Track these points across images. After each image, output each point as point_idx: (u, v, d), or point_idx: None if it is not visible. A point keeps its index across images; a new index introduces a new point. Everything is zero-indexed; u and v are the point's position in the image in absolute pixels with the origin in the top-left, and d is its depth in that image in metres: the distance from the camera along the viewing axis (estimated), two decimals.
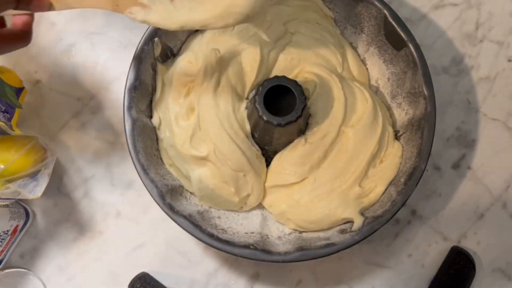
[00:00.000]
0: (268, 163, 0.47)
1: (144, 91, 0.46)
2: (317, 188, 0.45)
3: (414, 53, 0.44)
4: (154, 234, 0.50)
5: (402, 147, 0.46)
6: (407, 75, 0.46)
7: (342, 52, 0.49)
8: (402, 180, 0.44)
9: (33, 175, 0.47)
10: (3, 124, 0.44)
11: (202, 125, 0.44)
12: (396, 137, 0.47)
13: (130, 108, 0.44)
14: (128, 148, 0.43)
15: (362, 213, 0.44)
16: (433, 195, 0.51)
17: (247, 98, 0.47)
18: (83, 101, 0.52)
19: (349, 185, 0.45)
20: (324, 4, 0.49)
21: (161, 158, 0.47)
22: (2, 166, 0.44)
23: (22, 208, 0.49)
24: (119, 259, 0.50)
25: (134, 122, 0.44)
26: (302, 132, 0.46)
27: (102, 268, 0.50)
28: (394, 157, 0.46)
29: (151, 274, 0.49)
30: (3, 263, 0.48)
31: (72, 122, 0.52)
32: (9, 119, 0.47)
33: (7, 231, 0.46)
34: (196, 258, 0.50)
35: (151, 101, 0.47)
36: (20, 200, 0.49)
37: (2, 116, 0.45)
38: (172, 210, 0.42)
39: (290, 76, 0.44)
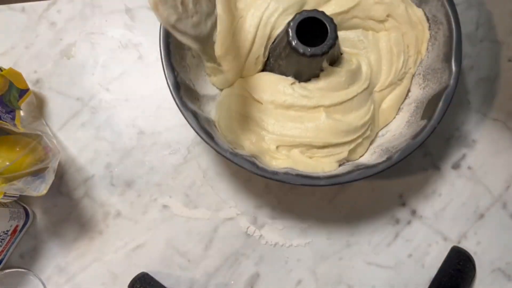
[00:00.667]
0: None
1: None
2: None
3: (427, 130, 0.44)
4: (154, 234, 0.51)
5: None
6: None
7: (394, 83, 0.49)
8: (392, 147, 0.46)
9: (39, 173, 0.47)
10: (7, 124, 0.44)
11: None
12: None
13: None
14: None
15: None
16: (433, 195, 0.51)
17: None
18: (83, 101, 0.53)
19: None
20: (428, 41, 0.48)
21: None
22: (7, 163, 0.45)
23: (22, 208, 0.49)
24: (119, 259, 0.50)
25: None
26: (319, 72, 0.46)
27: (102, 268, 0.50)
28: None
29: (151, 274, 0.49)
30: (3, 263, 0.48)
31: (72, 122, 0.52)
32: (13, 119, 0.47)
33: (7, 231, 0.46)
34: (196, 258, 0.50)
35: None
36: (20, 200, 0.49)
37: (7, 116, 0.46)
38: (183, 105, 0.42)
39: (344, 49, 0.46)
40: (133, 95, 0.53)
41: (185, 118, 0.42)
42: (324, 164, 0.45)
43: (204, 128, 0.42)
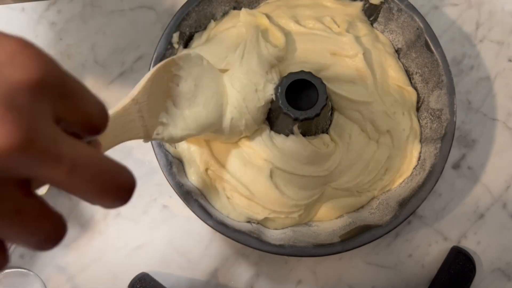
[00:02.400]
0: None
1: None
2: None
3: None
4: (154, 234, 0.50)
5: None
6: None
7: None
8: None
9: None
10: None
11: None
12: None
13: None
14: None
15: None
16: (433, 195, 0.51)
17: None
18: None
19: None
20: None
21: None
22: None
23: None
24: (119, 259, 0.50)
25: None
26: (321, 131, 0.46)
27: (102, 268, 0.50)
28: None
29: (151, 274, 0.49)
30: None
31: None
32: None
33: None
34: (196, 258, 0.50)
35: None
36: None
37: None
38: (178, 185, 0.43)
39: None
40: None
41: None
42: (234, 211, 0.45)
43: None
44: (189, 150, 0.45)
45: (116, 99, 0.52)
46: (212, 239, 0.50)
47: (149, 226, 0.51)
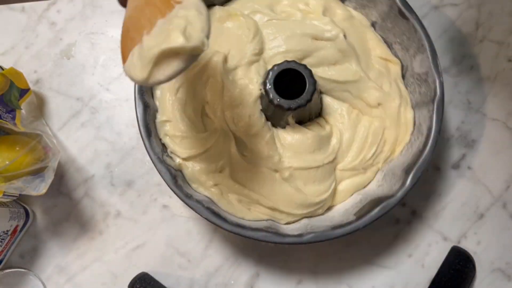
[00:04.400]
0: None
1: None
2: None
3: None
4: (154, 234, 0.51)
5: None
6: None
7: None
8: (361, 204, 0.44)
9: (38, 172, 0.47)
10: (8, 123, 0.45)
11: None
12: None
13: (141, 92, 0.44)
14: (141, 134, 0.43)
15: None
16: (433, 195, 0.51)
17: None
18: (83, 101, 0.53)
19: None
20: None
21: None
22: (7, 162, 0.45)
23: (22, 208, 0.49)
24: (119, 259, 0.50)
25: (145, 107, 0.44)
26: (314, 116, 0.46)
27: (102, 268, 0.50)
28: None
29: (151, 274, 0.49)
30: (3, 263, 0.48)
31: (72, 122, 0.52)
32: (13, 118, 0.47)
33: (7, 231, 0.46)
34: (196, 258, 0.50)
35: None
36: (20, 200, 0.49)
37: (7, 116, 0.46)
38: (186, 196, 0.43)
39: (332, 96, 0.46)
40: (133, 95, 0.52)
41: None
42: (250, 214, 0.45)
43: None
44: (193, 170, 0.45)
45: (116, 99, 0.53)
46: (212, 239, 0.50)
47: (149, 226, 0.51)
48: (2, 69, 0.49)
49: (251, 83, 0.44)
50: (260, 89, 0.43)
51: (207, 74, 0.44)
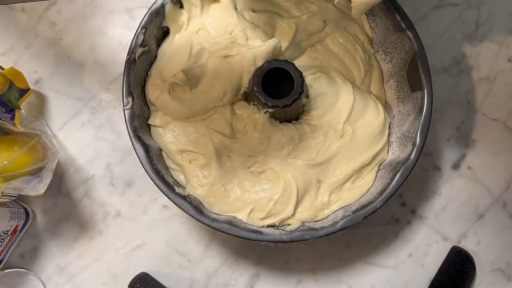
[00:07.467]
0: None
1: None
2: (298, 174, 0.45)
3: (425, 99, 0.44)
4: (154, 234, 0.51)
5: (374, 179, 0.47)
6: (410, 118, 0.46)
7: (367, 70, 0.49)
8: (353, 208, 0.44)
9: (37, 172, 0.47)
10: (6, 123, 0.44)
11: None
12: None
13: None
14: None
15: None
16: (433, 195, 0.51)
17: None
18: (83, 101, 0.53)
19: (324, 189, 0.45)
20: (367, 20, 0.49)
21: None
22: (5, 162, 0.45)
23: (22, 208, 0.49)
24: (119, 259, 0.50)
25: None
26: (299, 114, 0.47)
27: (102, 268, 0.50)
28: (364, 185, 0.46)
29: (151, 274, 0.49)
30: (3, 263, 0.48)
31: (72, 122, 0.52)
32: (12, 118, 0.47)
33: (7, 231, 0.46)
34: (196, 258, 0.50)
35: None
36: (20, 200, 0.49)
37: (6, 115, 0.46)
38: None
39: (306, 73, 0.45)
40: None
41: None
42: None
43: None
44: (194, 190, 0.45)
45: (116, 99, 0.53)
46: (212, 239, 0.50)
47: (149, 226, 0.51)
48: (2, 69, 0.49)
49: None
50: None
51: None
